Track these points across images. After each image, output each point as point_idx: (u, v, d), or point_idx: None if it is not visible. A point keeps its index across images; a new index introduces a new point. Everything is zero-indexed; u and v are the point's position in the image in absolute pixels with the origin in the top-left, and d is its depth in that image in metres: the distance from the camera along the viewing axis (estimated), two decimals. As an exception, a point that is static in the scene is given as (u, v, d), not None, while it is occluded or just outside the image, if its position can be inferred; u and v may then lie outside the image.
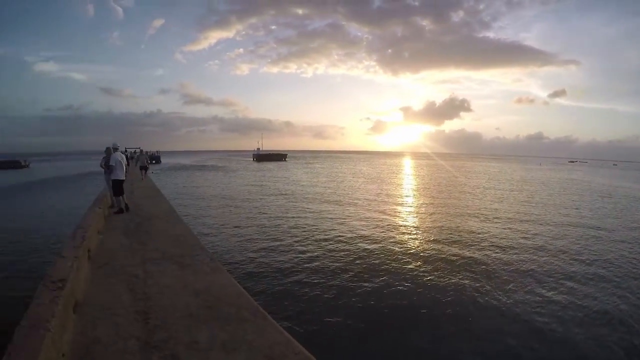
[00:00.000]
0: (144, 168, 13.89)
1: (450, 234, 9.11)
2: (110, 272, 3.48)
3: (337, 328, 4.48)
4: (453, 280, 5.86)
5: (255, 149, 68.50)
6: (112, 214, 6.45)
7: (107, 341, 2.16)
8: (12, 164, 49.26)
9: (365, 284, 5.91)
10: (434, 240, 8.48)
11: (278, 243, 8.81)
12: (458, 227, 9.96)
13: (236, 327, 2.22)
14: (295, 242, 8.99)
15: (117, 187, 6.52)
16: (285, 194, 19.33)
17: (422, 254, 7.38)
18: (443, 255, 7.22)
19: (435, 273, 6.22)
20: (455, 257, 7.04)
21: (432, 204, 14.86)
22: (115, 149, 6.54)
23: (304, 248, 8.34)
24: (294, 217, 12.36)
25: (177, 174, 36.44)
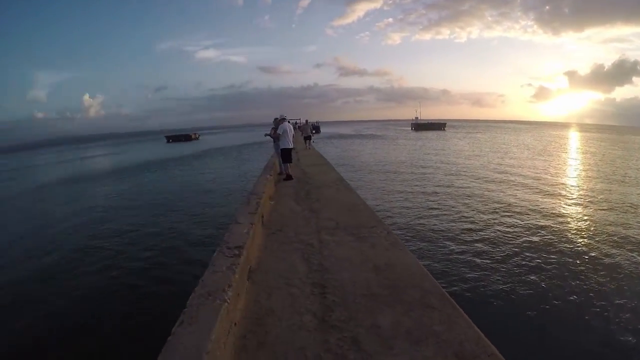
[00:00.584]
0: (308, 137, 20.08)
1: None
2: (284, 240, 4.66)
3: (511, 319, 6.32)
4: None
5: (414, 118, 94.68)
6: (281, 180, 9.29)
7: (281, 314, 2.79)
8: (184, 137, 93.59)
9: (539, 272, 8.17)
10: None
11: (445, 218, 12.41)
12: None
13: (421, 314, 2.66)
14: (462, 217, 12.50)
15: (286, 155, 9.27)
16: (448, 164, 26.51)
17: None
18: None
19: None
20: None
21: (609, 190, 17.45)
22: (283, 119, 9.36)
23: (473, 226, 11.51)
24: (460, 187, 17.53)
25: (337, 142, 54.59)
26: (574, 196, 15.90)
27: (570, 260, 8.72)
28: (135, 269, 9.35)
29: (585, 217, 12.51)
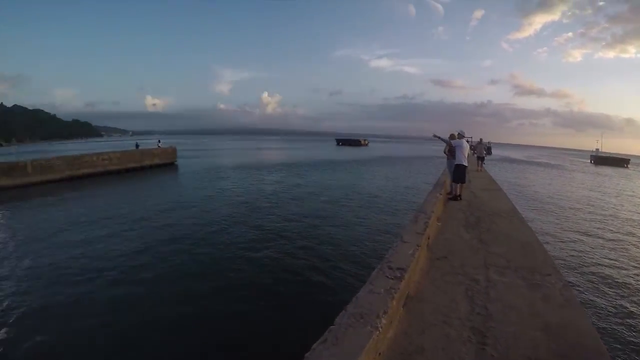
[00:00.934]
0: (481, 158, 19.19)
1: None
2: (448, 269, 4.61)
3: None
4: None
5: (594, 150, 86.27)
6: (447, 199, 9.13)
7: (431, 356, 2.74)
8: (354, 142, 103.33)
9: None
10: None
11: (624, 272, 10.40)
12: None
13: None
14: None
15: (459, 173, 9.04)
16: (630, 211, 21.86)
17: None
18: None
19: None
20: None
21: None
22: (462, 136, 9.31)
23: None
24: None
25: (509, 166, 51.93)
26: None
27: None
28: (281, 268, 9.91)
29: None
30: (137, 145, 38.56)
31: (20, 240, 12.26)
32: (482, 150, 19.56)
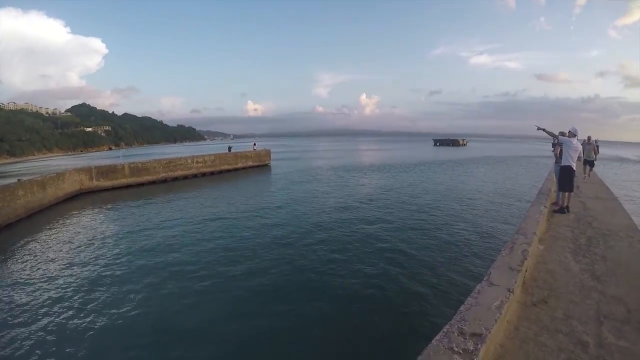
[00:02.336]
0: (590, 163, 15.63)
1: None
2: (546, 322, 3.98)
3: None
4: None
5: None
6: (552, 211, 8.31)
7: None
8: (452, 142, 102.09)
9: None
10: None
11: None
12: None
13: None
14: None
15: (566, 178, 8.12)
16: None
17: None
18: None
19: None
20: None
21: None
22: (573, 135, 8.25)
23: None
24: None
25: (618, 167, 45.18)
26: None
27: None
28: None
29: None
30: (229, 149, 40.42)
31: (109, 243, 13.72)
32: (590, 152, 15.56)
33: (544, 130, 8.56)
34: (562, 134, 8.59)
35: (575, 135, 8.18)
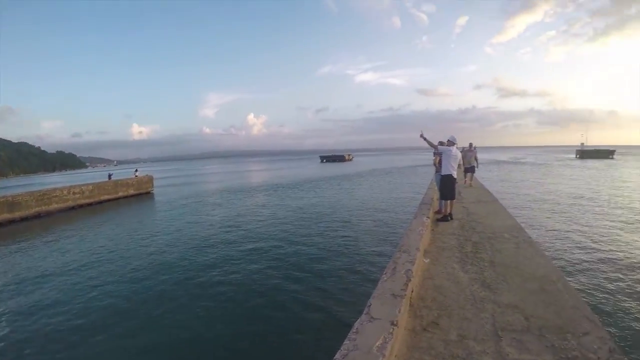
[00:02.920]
0: (471, 170, 15.04)
1: None
2: (440, 348, 3.15)
3: None
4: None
5: (580, 144, 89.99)
6: (436, 220, 7.99)
7: None
8: (338, 157, 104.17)
9: None
10: None
11: None
12: None
13: None
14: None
15: (447, 187, 7.90)
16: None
17: None
18: None
19: None
20: None
21: None
22: (452, 144, 8.08)
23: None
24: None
25: (495, 168, 54.32)
26: None
27: None
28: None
29: None
30: (109, 176, 37.80)
31: None
32: (472, 159, 15.02)
33: (425, 139, 8.34)
34: (442, 143, 8.41)
35: (454, 144, 8.02)
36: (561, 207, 19.73)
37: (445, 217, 7.84)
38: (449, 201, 7.87)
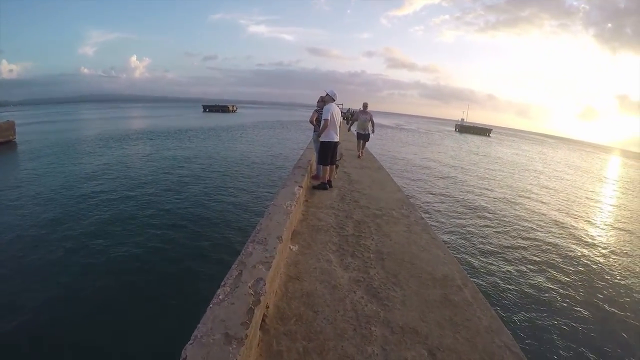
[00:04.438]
0: (364, 137, 12.09)
1: None
2: None
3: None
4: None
5: (459, 120, 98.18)
6: (312, 187, 6.80)
7: None
8: (221, 108, 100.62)
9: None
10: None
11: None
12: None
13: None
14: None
15: (326, 153, 6.64)
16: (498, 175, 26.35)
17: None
18: None
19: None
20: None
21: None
22: (332, 99, 6.65)
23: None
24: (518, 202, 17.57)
25: (381, 133, 55.88)
26: None
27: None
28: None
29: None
30: None
31: None
32: (366, 124, 11.64)
33: (314, 123, 7.04)
34: (322, 99, 6.99)
35: (334, 100, 6.60)
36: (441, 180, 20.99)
37: (324, 185, 6.61)
38: (328, 166, 6.64)
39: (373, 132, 11.69)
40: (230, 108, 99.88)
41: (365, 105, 11.64)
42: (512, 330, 5.18)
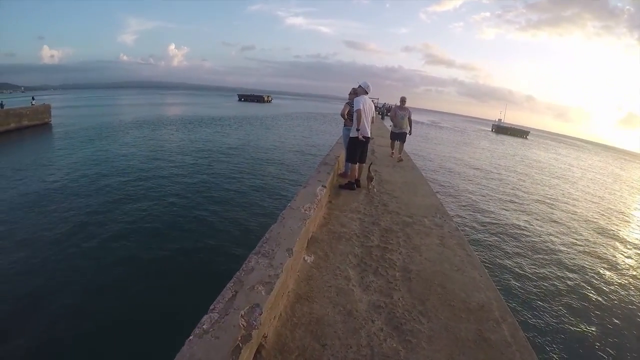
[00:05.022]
0: (401, 137, 10.23)
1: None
2: None
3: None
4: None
5: (497, 120, 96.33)
6: (339, 186, 6.37)
7: None
8: (257, 98, 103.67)
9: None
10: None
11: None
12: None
13: None
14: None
15: (355, 150, 6.19)
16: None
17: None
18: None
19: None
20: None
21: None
22: (364, 92, 6.18)
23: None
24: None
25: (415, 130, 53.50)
26: None
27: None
28: None
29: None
30: (1, 105, 32.50)
31: None
32: (403, 121, 9.93)
33: (345, 116, 6.71)
34: (354, 91, 6.51)
35: (367, 93, 6.12)
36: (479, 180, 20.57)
37: (351, 184, 6.17)
38: (357, 164, 6.20)
39: (410, 133, 10.04)
40: (266, 98, 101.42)
41: (403, 100, 10.15)
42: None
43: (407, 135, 10.10)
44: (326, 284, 3.05)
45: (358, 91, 6.17)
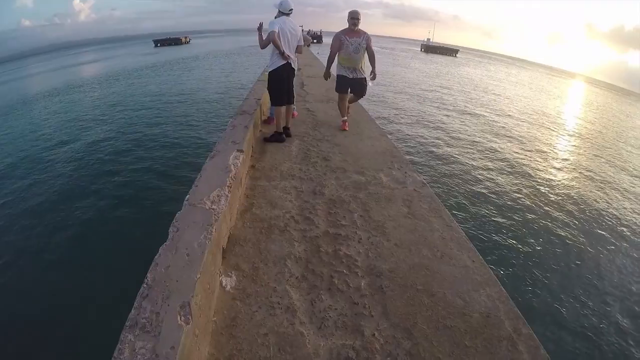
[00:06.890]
0: (358, 86, 5.81)
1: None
2: None
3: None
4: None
5: (425, 39, 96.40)
6: (263, 140, 5.01)
7: None
8: (173, 40, 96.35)
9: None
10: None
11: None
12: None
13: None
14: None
15: (280, 86, 4.75)
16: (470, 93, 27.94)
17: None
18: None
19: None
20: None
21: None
22: (283, 13, 4.65)
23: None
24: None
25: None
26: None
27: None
28: None
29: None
30: None
31: None
32: (355, 57, 5.32)
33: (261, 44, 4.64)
34: (279, 14, 4.81)
35: (287, 14, 4.58)
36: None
37: (279, 135, 4.91)
38: (284, 107, 4.91)
39: (374, 77, 5.48)
40: (183, 40, 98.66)
41: (354, 18, 5.38)
42: None
43: (369, 83, 5.65)
44: (260, 330, 1.95)
45: (277, 15, 4.62)
